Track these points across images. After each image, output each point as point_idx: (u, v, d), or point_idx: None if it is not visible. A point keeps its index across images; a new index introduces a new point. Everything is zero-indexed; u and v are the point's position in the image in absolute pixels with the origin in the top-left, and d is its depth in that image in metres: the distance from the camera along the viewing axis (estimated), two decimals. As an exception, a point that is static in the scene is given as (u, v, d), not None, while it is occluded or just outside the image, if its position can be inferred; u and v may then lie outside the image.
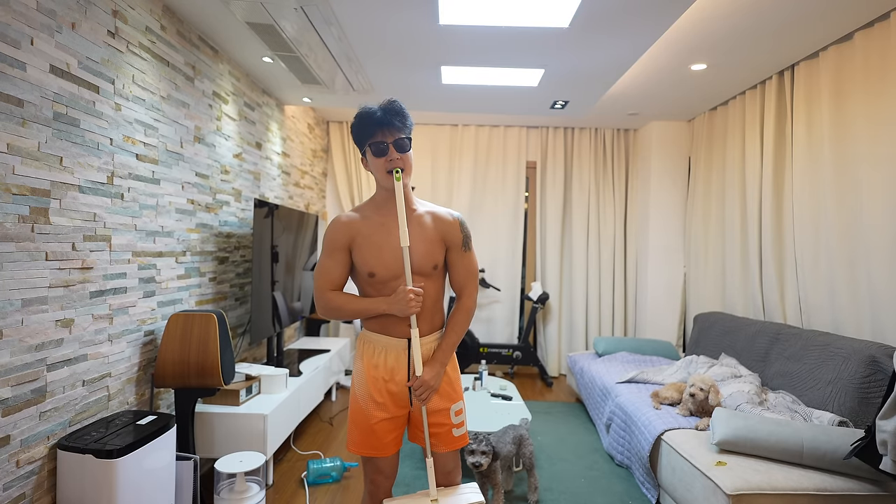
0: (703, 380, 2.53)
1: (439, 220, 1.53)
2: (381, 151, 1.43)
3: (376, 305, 1.47)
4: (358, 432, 1.52)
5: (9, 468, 1.53)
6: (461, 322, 1.56)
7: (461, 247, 1.55)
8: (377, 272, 1.47)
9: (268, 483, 2.54)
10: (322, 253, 1.51)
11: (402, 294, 1.42)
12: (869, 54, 2.47)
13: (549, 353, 4.83)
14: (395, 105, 1.44)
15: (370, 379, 1.51)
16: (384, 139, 1.42)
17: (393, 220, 1.48)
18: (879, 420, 1.67)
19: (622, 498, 2.49)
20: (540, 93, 3.34)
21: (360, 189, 4.78)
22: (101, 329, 1.92)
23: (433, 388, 1.48)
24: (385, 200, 1.51)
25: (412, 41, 2.58)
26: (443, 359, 1.52)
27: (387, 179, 1.45)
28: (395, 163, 1.43)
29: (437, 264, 1.52)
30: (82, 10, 1.78)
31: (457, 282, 1.58)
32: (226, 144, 2.90)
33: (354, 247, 1.48)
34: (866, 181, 2.44)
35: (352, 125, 1.48)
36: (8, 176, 1.51)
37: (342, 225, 1.49)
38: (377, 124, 1.42)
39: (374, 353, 1.52)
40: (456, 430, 1.57)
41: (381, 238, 1.47)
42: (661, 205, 4.44)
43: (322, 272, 1.50)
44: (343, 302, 1.49)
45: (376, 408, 1.50)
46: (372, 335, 1.53)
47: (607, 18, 2.24)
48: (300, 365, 3.28)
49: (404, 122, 1.44)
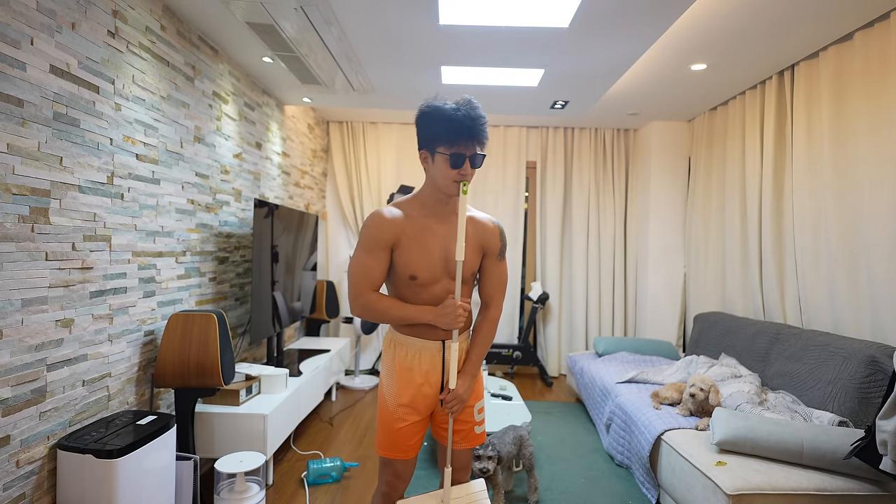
0: (703, 380, 2.53)
1: (481, 226, 1.49)
2: (458, 163, 1.35)
3: (422, 315, 1.42)
4: (385, 435, 1.52)
5: (9, 468, 1.53)
6: (489, 334, 1.54)
7: (497, 255, 1.52)
8: (420, 275, 1.42)
9: (268, 483, 2.54)
10: (361, 249, 1.42)
11: (451, 308, 1.39)
12: (869, 54, 2.47)
13: (549, 353, 4.83)
14: (481, 115, 1.36)
15: (403, 382, 1.49)
16: (465, 151, 1.35)
17: (438, 222, 1.45)
18: (879, 420, 1.67)
19: (622, 498, 2.49)
20: (540, 93, 3.34)
21: (359, 189, 4.78)
22: (101, 329, 1.92)
23: (465, 401, 1.49)
24: (434, 202, 1.45)
25: (412, 41, 2.58)
26: (473, 371, 1.52)
27: (451, 187, 1.39)
28: (466, 176, 1.37)
29: (475, 271, 1.51)
30: (82, 10, 1.78)
31: (487, 291, 1.56)
32: (226, 144, 2.90)
33: (398, 247, 1.42)
34: (866, 181, 2.44)
35: (425, 117, 1.39)
36: (8, 176, 1.51)
37: (387, 222, 1.40)
38: (465, 135, 1.34)
39: (407, 356, 1.49)
40: (477, 428, 1.59)
41: (427, 240, 1.42)
42: (661, 205, 4.44)
43: (363, 271, 1.41)
44: (386, 307, 1.43)
45: (407, 411, 1.50)
46: (405, 338, 1.50)
47: (607, 18, 2.25)
48: (300, 365, 3.28)
49: (485, 138, 1.39)
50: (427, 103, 1.40)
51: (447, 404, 1.46)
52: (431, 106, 1.39)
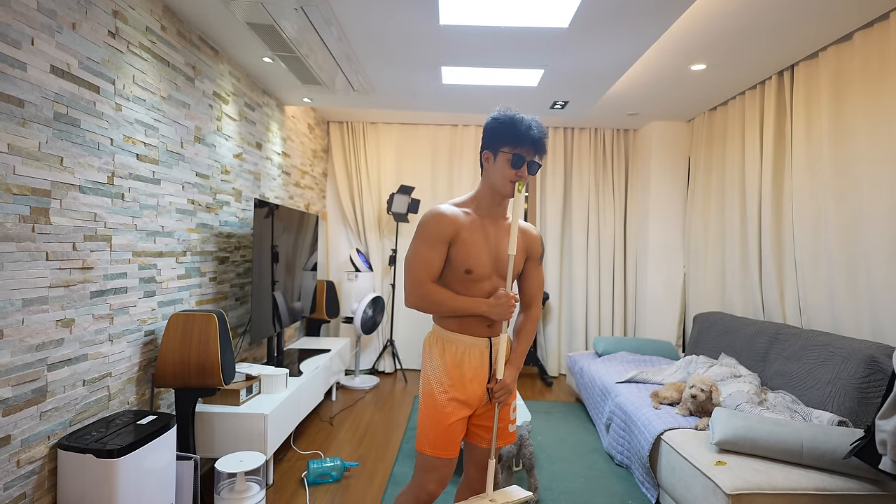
0: (703, 380, 2.53)
1: (526, 233, 1.63)
2: (518, 164, 1.48)
3: (477, 306, 1.51)
4: (435, 433, 1.53)
5: (9, 468, 1.54)
6: (531, 331, 1.66)
7: (538, 260, 1.66)
8: (475, 270, 1.51)
9: (268, 483, 2.54)
10: (421, 242, 1.50)
11: (504, 299, 1.48)
12: (868, 54, 2.47)
13: (548, 352, 4.83)
14: (546, 131, 1.52)
15: (453, 377, 1.54)
16: (526, 156, 1.49)
17: (492, 222, 1.56)
18: (879, 420, 1.67)
19: (622, 498, 2.49)
20: (540, 93, 3.35)
21: (359, 189, 4.78)
22: (102, 329, 1.92)
23: (511, 391, 1.57)
24: (490, 203, 1.56)
25: (412, 41, 2.58)
26: (519, 363, 1.62)
27: (507, 187, 1.50)
28: (523, 178, 1.50)
29: (519, 273, 1.63)
30: (83, 10, 1.78)
31: (528, 292, 1.68)
32: (226, 144, 2.90)
33: (457, 242, 1.50)
34: (866, 181, 2.44)
35: (496, 121, 1.51)
36: (8, 176, 1.51)
37: (448, 219, 1.50)
38: (530, 142, 1.48)
39: (456, 351, 1.55)
40: (511, 426, 1.66)
41: (482, 237, 1.53)
42: (661, 205, 4.45)
43: (424, 262, 1.50)
44: (445, 298, 1.51)
45: (458, 407, 1.54)
46: (452, 335, 1.56)
47: (607, 18, 2.25)
48: (300, 365, 3.28)
49: (545, 151, 1.53)
50: (500, 111, 1.53)
51: (496, 394, 1.53)
52: (505, 114, 1.52)
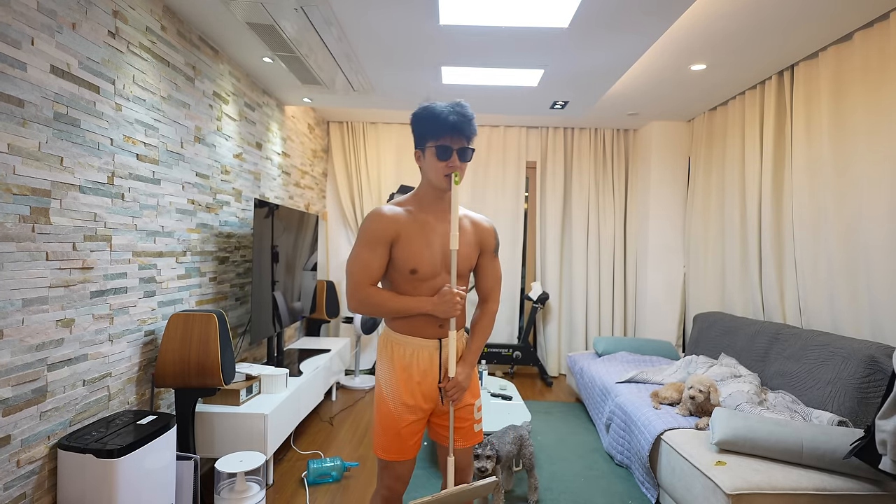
0: (702, 381, 2.53)
1: (478, 225, 1.57)
2: (445, 155, 1.42)
3: (420, 305, 1.46)
4: (387, 437, 1.51)
5: (9, 468, 1.54)
6: (487, 326, 1.61)
7: (493, 253, 1.59)
8: (420, 269, 1.46)
9: (268, 483, 2.54)
10: (361, 245, 1.46)
11: (448, 296, 1.43)
12: (868, 54, 2.47)
13: (548, 352, 4.83)
14: (468, 113, 1.43)
15: (402, 381, 1.50)
16: (452, 144, 1.42)
17: (436, 219, 1.50)
18: (879, 420, 1.67)
19: (622, 498, 2.49)
20: (540, 93, 3.35)
21: (360, 189, 4.78)
22: (102, 329, 1.92)
23: (465, 388, 1.51)
24: (432, 199, 1.51)
25: (412, 41, 2.58)
26: (472, 360, 1.56)
27: (442, 181, 1.45)
28: (455, 168, 1.43)
29: (472, 267, 1.57)
30: (82, 10, 1.79)
31: (484, 286, 1.62)
32: (226, 144, 2.90)
33: (398, 242, 1.46)
34: (866, 181, 2.44)
35: (416, 117, 1.46)
36: (8, 176, 1.51)
37: (387, 219, 1.45)
38: (450, 129, 1.41)
39: (405, 354, 1.51)
40: (476, 426, 1.61)
41: (426, 236, 1.47)
42: (661, 205, 4.45)
43: (362, 266, 1.45)
44: (385, 299, 1.46)
45: (407, 411, 1.50)
46: (401, 337, 1.52)
47: (607, 18, 2.25)
48: (300, 365, 3.28)
49: (473, 132, 1.45)
50: (420, 106, 1.48)
51: (447, 392, 1.48)
52: (422, 107, 1.47)
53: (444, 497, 1.37)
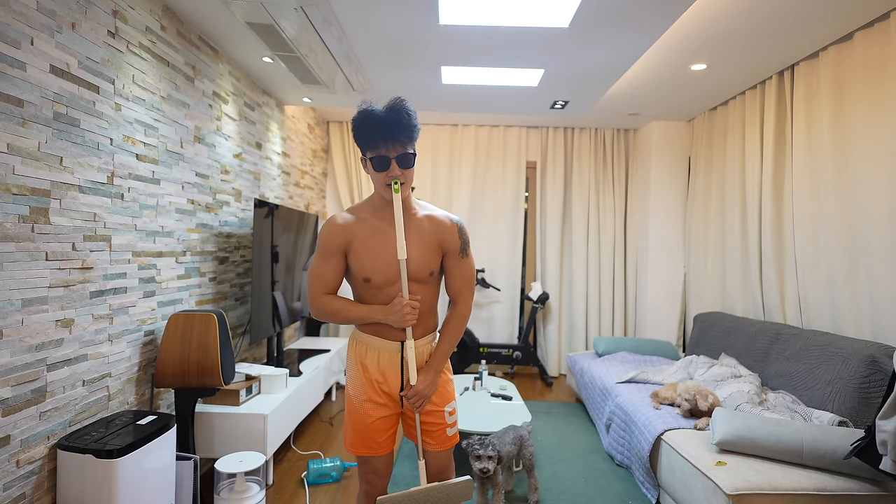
0: (688, 388, 2.54)
1: (438, 224, 1.50)
2: (382, 166, 1.37)
3: (372, 314, 1.45)
4: (354, 432, 1.53)
5: (9, 468, 1.53)
6: (456, 329, 1.55)
7: (459, 253, 1.52)
8: (373, 278, 1.45)
9: (268, 483, 2.54)
10: (316, 255, 1.47)
11: (398, 306, 1.41)
12: (869, 54, 2.47)
13: (549, 353, 4.83)
14: (402, 114, 1.34)
15: (364, 379, 1.52)
16: (387, 153, 1.36)
17: (390, 225, 1.46)
18: (879, 420, 1.67)
19: (622, 498, 2.49)
20: (540, 93, 3.35)
21: (360, 189, 4.78)
22: (102, 329, 1.92)
23: (427, 396, 1.48)
24: (383, 205, 1.48)
25: (412, 41, 2.58)
26: (437, 366, 1.51)
27: (386, 190, 1.40)
28: (395, 177, 1.38)
29: (433, 271, 1.50)
30: (82, 10, 1.78)
31: (452, 288, 1.56)
32: (226, 144, 2.90)
33: (350, 251, 1.45)
34: (866, 181, 2.44)
35: (353, 125, 1.39)
36: (8, 176, 1.51)
37: (339, 228, 1.45)
38: (381, 136, 1.34)
39: (365, 354, 1.51)
40: (449, 430, 1.59)
41: (378, 244, 1.44)
42: (661, 205, 4.45)
43: (316, 276, 1.46)
44: (338, 308, 1.46)
45: (372, 407, 1.51)
46: (364, 336, 1.52)
47: (607, 18, 2.25)
48: (300, 365, 3.28)
49: (410, 136, 1.37)
50: (357, 110, 1.39)
51: (409, 401, 1.47)
52: (358, 111, 1.39)
53: (415, 493, 1.38)
